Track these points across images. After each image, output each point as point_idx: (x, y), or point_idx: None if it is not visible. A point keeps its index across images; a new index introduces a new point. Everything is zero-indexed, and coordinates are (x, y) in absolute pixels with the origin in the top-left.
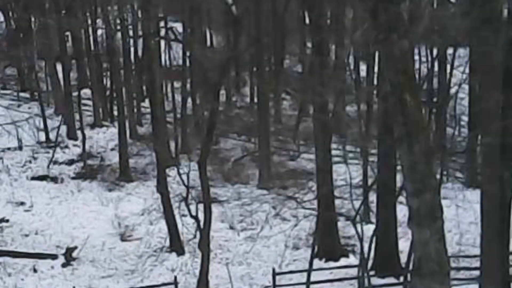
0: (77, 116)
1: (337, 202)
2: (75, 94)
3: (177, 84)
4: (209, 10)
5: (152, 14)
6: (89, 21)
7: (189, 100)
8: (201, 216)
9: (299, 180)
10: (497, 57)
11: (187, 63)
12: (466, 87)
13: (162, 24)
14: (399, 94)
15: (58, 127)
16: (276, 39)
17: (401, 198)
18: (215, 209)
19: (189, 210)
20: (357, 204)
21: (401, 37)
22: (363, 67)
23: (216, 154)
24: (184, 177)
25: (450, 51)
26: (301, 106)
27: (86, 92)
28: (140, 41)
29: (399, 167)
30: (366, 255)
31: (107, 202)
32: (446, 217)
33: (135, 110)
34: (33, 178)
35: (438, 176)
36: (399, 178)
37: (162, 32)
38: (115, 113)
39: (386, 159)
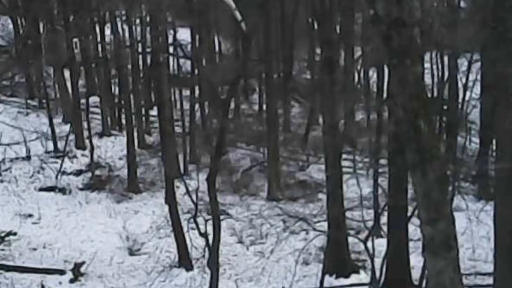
0: (85, 125)
1: (348, 214)
2: (83, 101)
3: (185, 92)
4: (218, 20)
5: (161, 21)
6: (97, 28)
7: (197, 106)
8: (210, 229)
9: (309, 191)
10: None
11: (196, 71)
12: (477, 91)
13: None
14: (412, 120)
15: (67, 137)
16: (284, 45)
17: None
18: (224, 222)
19: (198, 228)
20: (367, 216)
21: (414, 62)
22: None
23: (224, 164)
24: (192, 191)
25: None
26: (310, 115)
27: (95, 99)
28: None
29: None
30: (377, 272)
31: (115, 215)
32: (458, 231)
33: (143, 118)
34: (41, 189)
35: (450, 188)
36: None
37: (170, 40)
38: (124, 121)
39: (397, 180)
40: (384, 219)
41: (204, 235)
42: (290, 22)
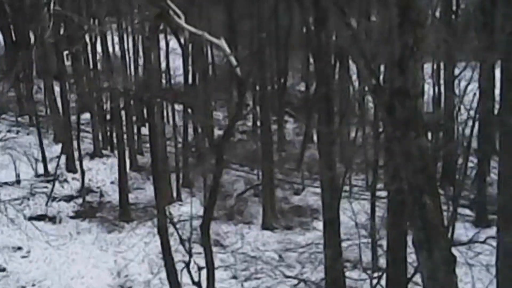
0: (76, 145)
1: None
2: (74, 117)
3: (177, 107)
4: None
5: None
6: (88, 40)
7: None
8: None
9: (304, 218)
10: None
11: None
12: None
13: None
14: (417, 196)
15: (58, 160)
16: (279, 56)
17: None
18: (218, 253)
19: (191, 277)
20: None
21: (419, 134)
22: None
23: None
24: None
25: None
26: (306, 133)
27: (86, 115)
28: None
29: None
30: None
31: (107, 246)
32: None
33: (135, 137)
34: (30, 218)
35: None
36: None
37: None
38: (116, 140)
39: (396, 244)
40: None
41: (197, 284)
42: (285, 35)
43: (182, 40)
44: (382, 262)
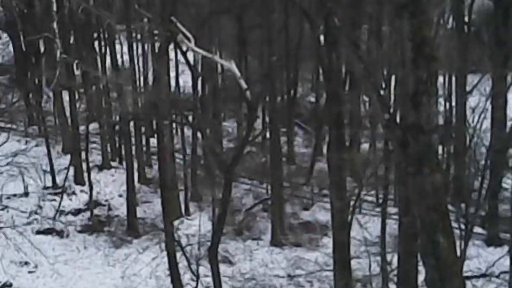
0: (84, 156)
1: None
2: (83, 127)
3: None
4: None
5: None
6: (97, 50)
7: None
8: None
9: (313, 234)
10: None
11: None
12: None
13: None
14: (431, 234)
15: (67, 172)
16: (289, 66)
17: None
18: (227, 270)
19: None
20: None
21: (433, 170)
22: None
23: None
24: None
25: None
26: (315, 146)
27: (95, 125)
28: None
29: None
30: None
31: (114, 262)
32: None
33: (144, 148)
34: (38, 232)
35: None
36: None
37: None
38: (124, 151)
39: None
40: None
41: None
42: (295, 47)
43: (191, 61)
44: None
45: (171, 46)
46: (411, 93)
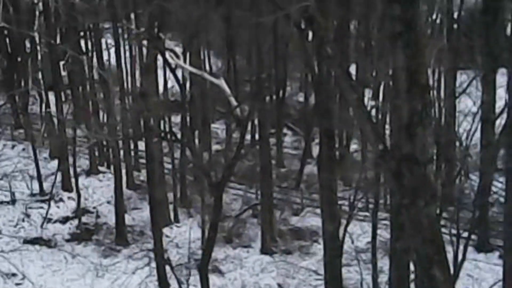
0: (72, 160)
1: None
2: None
3: (174, 118)
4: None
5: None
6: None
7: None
8: None
9: (303, 241)
10: None
11: (187, 94)
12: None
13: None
14: (426, 267)
15: (54, 179)
16: (277, 64)
17: None
18: (217, 281)
19: None
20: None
21: (428, 202)
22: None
23: None
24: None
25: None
26: (305, 149)
27: (83, 128)
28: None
29: None
30: None
31: (103, 273)
32: None
33: (132, 153)
34: (25, 242)
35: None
36: None
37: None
38: (112, 155)
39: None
40: None
41: None
42: (284, 47)
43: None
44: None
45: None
46: (405, 124)
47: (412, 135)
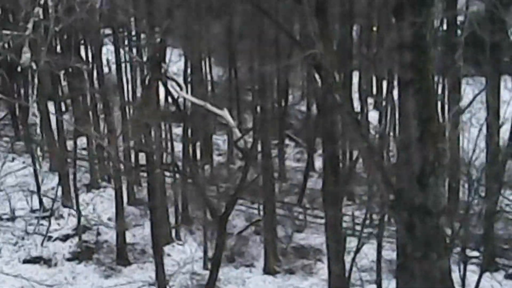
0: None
1: None
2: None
3: (175, 129)
4: None
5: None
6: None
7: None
8: None
9: (307, 261)
10: None
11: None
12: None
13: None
14: None
15: (55, 195)
16: (279, 77)
17: None
18: None
19: None
20: None
21: (441, 255)
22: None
23: None
24: None
25: None
26: (308, 162)
27: (83, 139)
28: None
29: None
30: None
31: None
32: None
33: (133, 165)
34: (25, 261)
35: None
36: None
37: None
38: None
39: None
40: None
41: None
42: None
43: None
44: None
45: None
46: (417, 174)
47: (425, 185)
